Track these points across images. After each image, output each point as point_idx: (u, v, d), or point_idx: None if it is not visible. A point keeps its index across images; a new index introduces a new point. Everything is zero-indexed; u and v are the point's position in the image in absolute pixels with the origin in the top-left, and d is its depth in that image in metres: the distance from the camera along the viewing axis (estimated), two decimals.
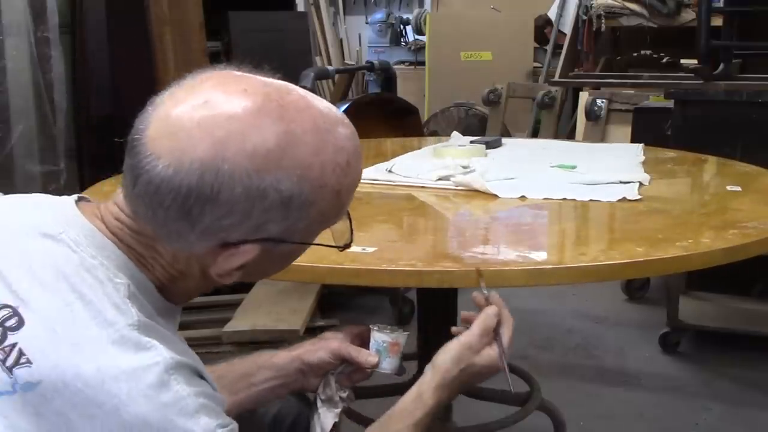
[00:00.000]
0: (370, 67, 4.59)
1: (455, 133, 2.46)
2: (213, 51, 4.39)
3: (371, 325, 1.19)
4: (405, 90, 5.04)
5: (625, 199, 1.49)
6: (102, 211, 0.86)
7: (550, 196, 1.55)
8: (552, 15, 5.81)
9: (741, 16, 3.86)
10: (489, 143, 2.22)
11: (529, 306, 3.39)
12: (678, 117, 2.97)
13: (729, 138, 2.74)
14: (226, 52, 4.67)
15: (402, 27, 7.01)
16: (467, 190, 1.63)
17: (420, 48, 6.53)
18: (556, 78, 5.24)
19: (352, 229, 0.95)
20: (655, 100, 3.72)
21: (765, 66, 3.93)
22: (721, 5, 3.99)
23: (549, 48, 5.72)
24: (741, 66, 3.97)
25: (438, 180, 1.71)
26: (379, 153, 2.30)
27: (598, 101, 4.30)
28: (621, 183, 1.62)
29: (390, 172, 1.82)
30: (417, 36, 6.78)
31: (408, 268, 1.19)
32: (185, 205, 0.78)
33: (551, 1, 5.85)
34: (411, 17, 6.80)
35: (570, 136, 4.97)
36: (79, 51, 3.55)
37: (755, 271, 2.39)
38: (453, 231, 1.54)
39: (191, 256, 0.83)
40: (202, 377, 0.82)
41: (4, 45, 3.02)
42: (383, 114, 3.75)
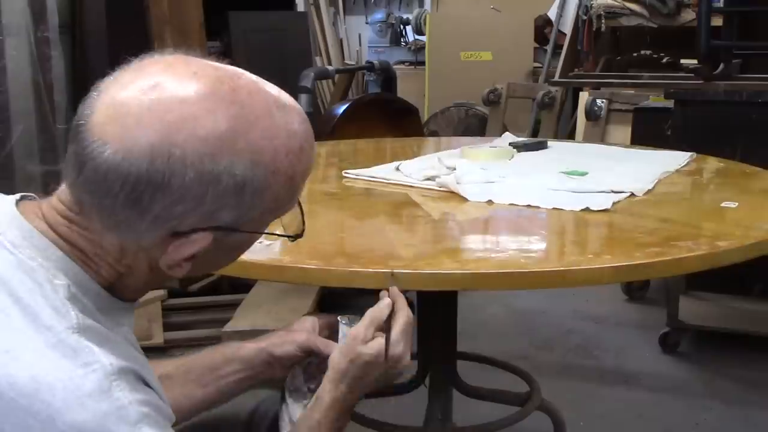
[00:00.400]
0: (370, 67, 4.59)
1: (507, 134, 2.43)
2: (213, 51, 4.39)
3: (339, 317, 1.17)
4: (405, 90, 5.04)
5: (588, 209, 1.44)
6: (44, 209, 0.82)
7: (515, 201, 1.52)
8: (552, 15, 5.81)
9: (741, 16, 3.86)
10: (533, 145, 2.20)
11: (529, 306, 3.39)
12: (678, 117, 2.96)
13: (729, 138, 2.73)
14: (226, 52, 4.68)
15: (402, 27, 7.00)
16: (447, 191, 1.63)
17: (420, 48, 6.53)
18: (556, 78, 5.24)
19: (303, 219, 0.93)
20: (655, 100, 3.72)
21: (765, 66, 3.93)
22: (721, 5, 3.99)
23: (549, 48, 5.72)
24: (741, 66, 3.97)
25: (425, 180, 1.71)
26: (379, 153, 2.30)
27: (598, 101, 4.30)
28: (612, 192, 1.57)
29: (397, 170, 1.83)
30: (417, 36, 6.78)
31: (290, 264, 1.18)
32: (134, 193, 0.75)
33: (551, 1, 5.85)
34: (411, 17, 6.80)
35: (570, 136, 4.97)
36: (79, 51, 3.55)
37: (755, 271, 2.39)
38: (386, 230, 1.52)
39: (140, 248, 0.80)
40: (147, 384, 0.78)
41: (4, 45, 3.02)
42: (383, 114, 3.76)
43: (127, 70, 0.79)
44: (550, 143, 2.26)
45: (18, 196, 0.85)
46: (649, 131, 3.40)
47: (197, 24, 3.90)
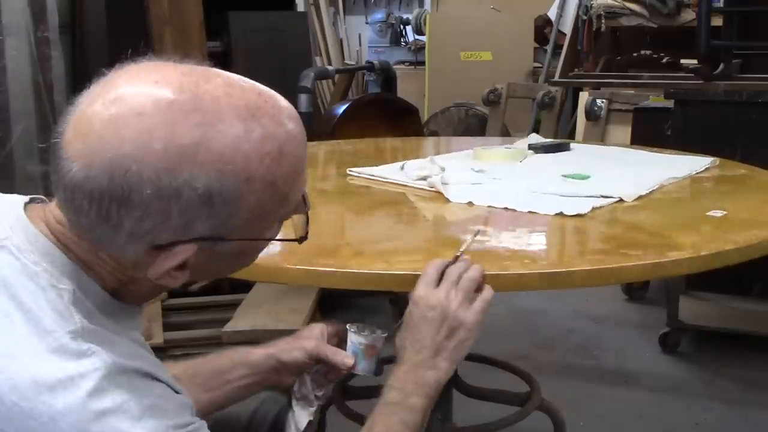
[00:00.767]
0: (370, 67, 4.60)
1: (533, 135, 2.40)
2: (213, 51, 4.39)
3: (348, 326, 1.18)
4: (405, 90, 5.04)
5: (562, 214, 1.42)
6: (47, 215, 0.82)
7: (494, 204, 1.52)
8: (552, 15, 5.81)
9: (741, 16, 3.86)
10: (552, 147, 2.14)
11: (529, 306, 3.39)
12: (678, 117, 2.96)
13: (729, 138, 2.73)
14: (226, 52, 4.68)
15: (402, 27, 7.01)
16: (436, 191, 1.63)
17: (420, 48, 6.53)
18: (556, 78, 5.24)
19: (308, 221, 0.90)
20: (655, 100, 3.72)
21: (765, 66, 3.93)
22: (721, 5, 3.99)
23: (549, 48, 5.72)
24: (741, 66, 3.97)
25: (417, 180, 1.71)
26: (379, 152, 2.30)
27: (598, 101, 4.30)
28: (602, 197, 1.54)
29: (401, 170, 1.83)
30: (417, 36, 6.78)
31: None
32: (101, 210, 0.73)
33: (551, 1, 5.85)
34: (411, 17, 6.80)
35: (570, 136, 4.97)
36: (79, 51, 3.55)
37: (755, 271, 2.39)
38: (346, 226, 1.52)
39: (133, 260, 0.79)
40: (155, 378, 0.78)
41: (4, 45, 3.02)
42: (383, 114, 3.76)
43: (99, 82, 0.78)
44: (573, 145, 2.21)
45: (27, 198, 0.85)
46: (649, 131, 3.40)
47: (197, 24, 3.90)
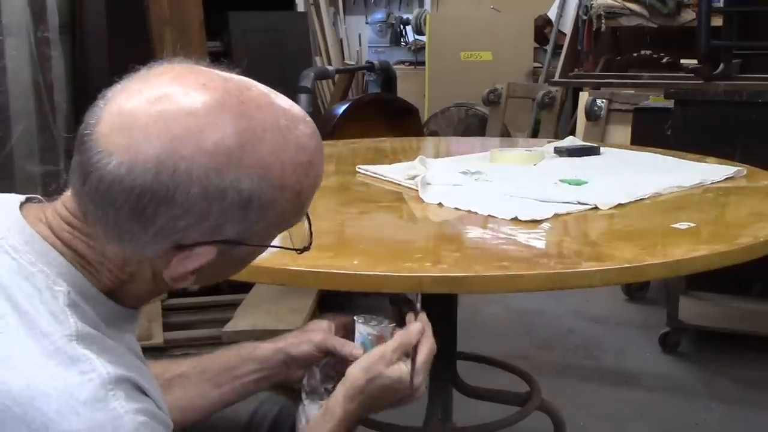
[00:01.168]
0: (370, 67, 4.60)
1: (570, 138, 2.34)
2: (213, 51, 4.40)
3: (356, 317, 1.18)
4: (405, 90, 5.05)
5: (517, 219, 1.41)
6: (48, 214, 0.81)
7: (460, 206, 1.52)
8: (552, 15, 5.81)
9: (741, 16, 3.86)
10: (576, 151, 2.07)
11: (529, 306, 3.39)
12: (678, 117, 2.96)
13: (729, 138, 2.73)
14: (226, 52, 4.68)
15: (402, 27, 7.01)
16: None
17: (420, 48, 6.53)
18: (556, 78, 5.24)
19: (311, 231, 0.91)
20: (655, 100, 3.72)
21: (765, 66, 3.93)
22: (721, 5, 3.99)
23: (549, 48, 5.72)
24: (741, 66, 3.97)
25: (408, 179, 1.72)
26: (378, 153, 2.30)
27: (598, 101, 4.30)
28: (579, 203, 1.51)
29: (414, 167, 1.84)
30: (417, 36, 6.78)
31: None
32: (138, 205, 0.73)
33: (551, 1, 5.85)
34: (411, 17, 6.81)
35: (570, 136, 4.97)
36: (79, 51, 3.55)
37: (755, 271, 2.39)
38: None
39: (143, 259, 0.79)
40: (145, 393, 0.78)
41: (4, 45, 3.02)
42: (383, 114, 3.76)
43: (135, 78, 0.78)
44: (603, 149, 2.13)
45: (23, 198, 0.85)
46: (649, 131, 3.40)
47: (197, 24, 3.90)
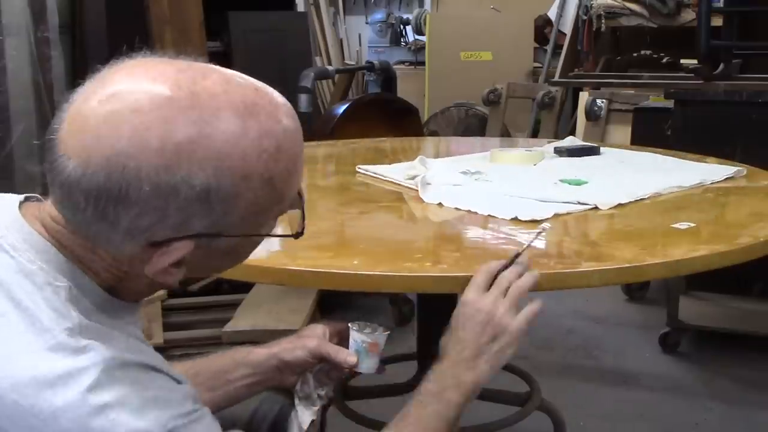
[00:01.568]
0: (370, 67, 4.59)
1: (570, 138, 2.33)
2: (213, 51, 4.40)
3: (350, 324, 1.18)
4: (405, 90, 5.04)
5: (517, 219, 1.41)
6: (42, 213, 0.82)
7: (460, 206, 1.52)
8: (552, 15, 5.81)
9: (741, 16, 3.86)
10: (577, 151, 2.05)
11: None
12: (678, 117, 2.96)
13: (729, 138, 2.73)
14: (226, 52, 4.68)
15: (402, 27, 7.01)
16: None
17: (420, 48, 6.53)
18: (556, 78, 5.24)
19: (304, 216, 0.89)
20: (655, 100, 3.71)
21: (765, 66, 3.93)
22: (721, 5, 3.99)
23: (549, 48, 5.72)
24: (741, 66, 3.97)
25: (407, 179, 1.72)
26: (378, 153, 2.30)
27: (598, 101, 4.29)
28: (579, 203, 1.51)
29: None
30: (417, 36, 6.78)
31: None
32: (99, 207, 0.73)
33: (551, 1, 5.85)
34: (411, 17, 6.80)
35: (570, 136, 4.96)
36: (79, 51, 3.55)
37: (755, 271, 2.39)
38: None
39: (128, 257, 0.79)
40: (157, 370, 0.79)
41: (4, 45, 3.02)
42: (383, 114, 3.75)
43: (94, 79, 0.77)
44: (603, 149, 2.11)
45: (22, 197, 0.85)
46: (649, 131, 3.40)
47: (197, 24, 3.90)
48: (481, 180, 1.77)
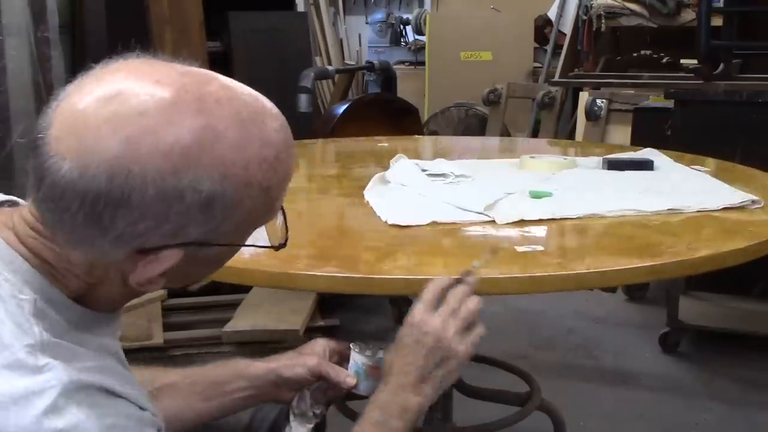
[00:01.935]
0: (370, 67, 4.59)
1: (649, 150, 2.02)
2: (213, 51, 4.40)
3: (352, 345, 1.17)
4: (405, 90, 5.04)
5: (435, 223, 1.40)
6: (15, 219, 0.78)
7: (390, 218, 1.44)
8: (552, 15, 5.81)
9: (741, 16, 3.85)
10: (621, 164, 1.83)
11: (529, 306, 3.39)
12: (678, 117, 2.96)
13: (729, 138, 2.73)
14: (226, 52, 4.68)
15: (402, 27, 7.01)
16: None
17: (420, 48, 6.53)
18: (556, 78, 5.24)
19: (287, 227, 0.88)
20: (655, 100, 3.71)
21: (765, 66, 3.93)
22: (721, 5, 3.99)
23: (549, 48, 5.72)
24: (741, 66, 3.97)
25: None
26: (378, 153, 2.30)
27: (598, 101, 4.29)
28: (479, 213, 1.45)
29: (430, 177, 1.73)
30: (417, 36, 6.78)
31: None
32: (94, 211, 0.70)
33: (551, 1, 5.85)
34: (411, 17, 6.81)
35: (570, 136, 4.97)
36: (79, 51, 3.55)
37: (755, 271, 2.39)
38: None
39: (108, 264, 0.76)
40: (117, 395, 0.75)
41: (4, 45, 3.02)
42: (383, 114, 3.75)
43: (88, 77, 0.75)
44: (657, 164, 1.86)
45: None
46: (649, 131, 3.39)
47: (197, 24, 3.90)
48: (448, 182, 1.71)
